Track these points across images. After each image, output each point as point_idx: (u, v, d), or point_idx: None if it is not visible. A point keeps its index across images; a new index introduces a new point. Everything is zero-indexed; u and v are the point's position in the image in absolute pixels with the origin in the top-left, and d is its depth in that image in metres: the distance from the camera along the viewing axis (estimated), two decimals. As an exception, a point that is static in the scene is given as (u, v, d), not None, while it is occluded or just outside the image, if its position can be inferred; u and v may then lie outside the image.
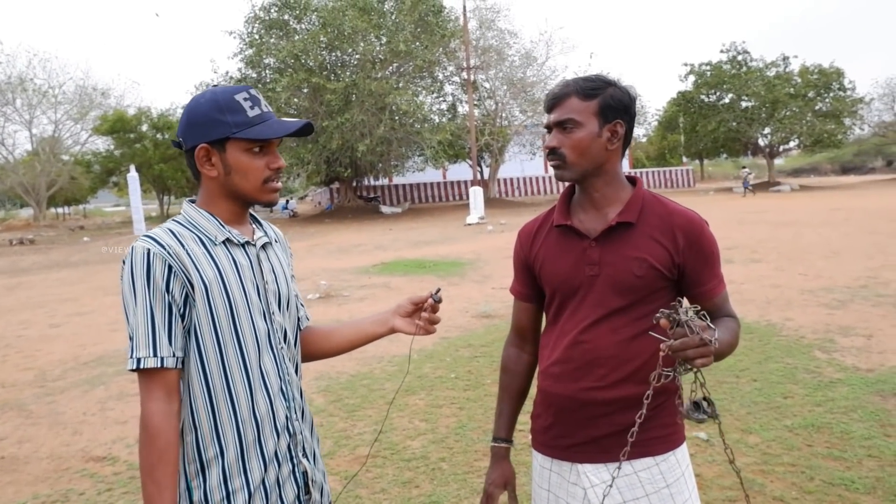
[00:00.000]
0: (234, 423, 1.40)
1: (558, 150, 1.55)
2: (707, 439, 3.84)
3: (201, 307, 1.37)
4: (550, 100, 1.58)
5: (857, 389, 4.51)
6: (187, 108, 1.44)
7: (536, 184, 41.72)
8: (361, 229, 23.23)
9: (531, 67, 35.35)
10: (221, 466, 1.39)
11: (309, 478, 1.51)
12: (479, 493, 3.39)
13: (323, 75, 27.39)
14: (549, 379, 1.64)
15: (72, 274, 15.08)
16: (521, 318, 1.80)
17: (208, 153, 1.42)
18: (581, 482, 1.57)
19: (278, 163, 1.46)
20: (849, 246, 11.43)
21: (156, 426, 1.33)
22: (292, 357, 1.54)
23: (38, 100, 38.53)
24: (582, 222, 1.61)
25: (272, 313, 1.48)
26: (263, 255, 1.50)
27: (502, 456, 1.79)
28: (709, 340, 1.25)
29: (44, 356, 7.02)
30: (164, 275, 1.34)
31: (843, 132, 37.60)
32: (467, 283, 10.08)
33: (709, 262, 1.56)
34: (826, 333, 6.01)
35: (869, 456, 3.50)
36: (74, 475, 3.94)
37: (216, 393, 1.39)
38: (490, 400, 4.76)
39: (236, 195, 1.45)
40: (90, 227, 37.23)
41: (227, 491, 1.39)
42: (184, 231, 1.42)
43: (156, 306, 1.34)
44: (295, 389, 1.52)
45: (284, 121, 1.45)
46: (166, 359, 1.34)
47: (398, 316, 1.66)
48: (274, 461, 1.44)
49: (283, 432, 1.46)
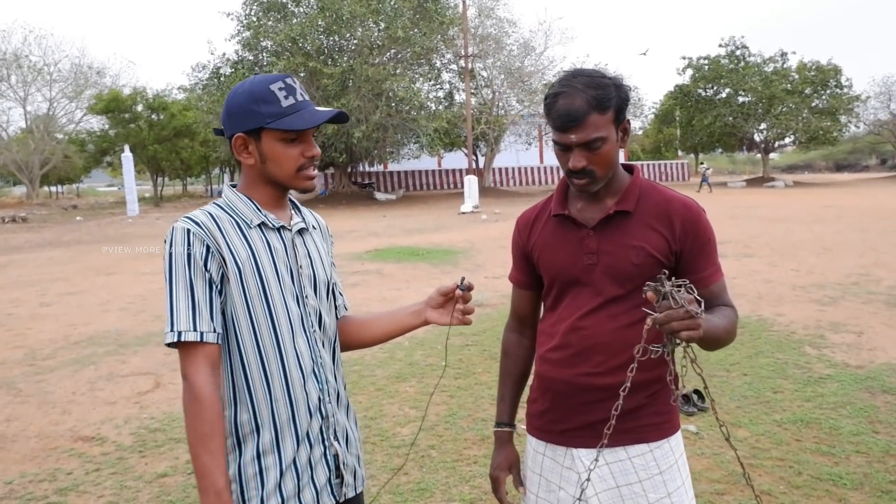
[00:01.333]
0: (269, 402, 1.43)
1: (587, 169, 1.51)
2: (696, 432, 3.86)
3: (235, 288, 1.41)
4: (568, 120, 1.48)
5: (847, 386, 4.53)
6: (228, 98, 1.50)
7: (531, 174, 41.69)
8: (355, 215, 23.17)
9: (529, 57, 35.25)
10: (256, 443, 1.42)
11: (340, 461, 1.53)
12: (467, 480, 3.40)
13: (320, 60, 27.21)
14: (546, 364, 1.65)
15: (63, 253, 14.99)
16: (520, 304, 1.81)
17: (245, 142, 1.46)
18: (575, 466, 1.57)
19: (312, 151, 1.49)
20: (841, 243, 11.48)
21: (206, 396, 1.34)
22: (329, 341, 1.57)
23: (33, 77, 38.21)
24: (580, 212, 1.61)
25: (306, 297, 1.50)
26: (299, 240, 1.53)
27: (506, 440, 1.78)
28: (694, 312, 1.22)
29: (34, 335, 6.98)
30: (202, 253, 1.39)
31: (838, 129, 37.73)
32: (460, 272, 10.07)
33: (705, 250, 1.56)
34: (817, 329, 6.04)
35: (857, 452, 3.52)
36: (62, 455, 3.92)
37: (251, 371, 1.43)
38: (481, 389, 4.77)
39: (273, 181, 1.49)
40: (83, 206, 36.99)
41: (260, 467, 1.42)
42: (222, 214, 1.46)
43: (196, 282, 1.38)
44: (328, 373, 1.54)
45: (317, 110, 1.47)
46: (206, 333, 1.37)
47: (430, 308, 1.67)
48: (306, 442, 1.47)
49: (316, 414, 1.49)
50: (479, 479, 3.38)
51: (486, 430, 4.00)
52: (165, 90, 39.93)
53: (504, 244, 12.95)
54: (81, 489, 3.46)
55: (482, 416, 4.26)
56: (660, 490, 1.54)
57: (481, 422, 4.16)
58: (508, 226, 17.61)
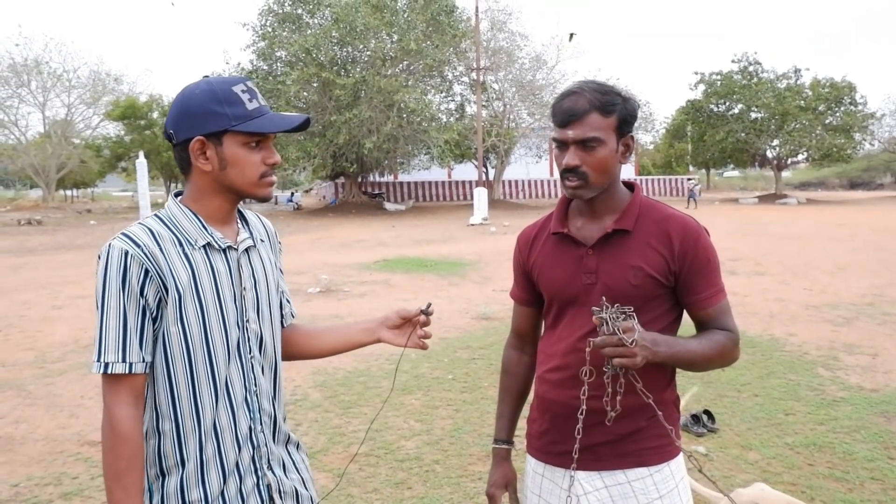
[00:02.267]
0: (196, 434, 1.36)
1: (580, 170, 1.50)
2: (706, 453, 3.80)
3: (172, 314, 1.33)
4: (568, 115, 1.49)
5: (861, 409, 4.45)
6: (180, 98, 1.37)
7: (541, 187, 41.65)
8: (364, 225, 23.20)
9: (541, 71, 35.32)
10: (180, 476, 1.36)
11: (274, 490, 1.46)
12: (472, 497, 3.36)
13: (333, 70, 27.38)
14: (545, 384, 1.63)
15: (77, 257, 15.09)
16: (521, 321, 1.80)
17: (203, 146, 1.35)
18: (574, 489, 1.56)
19: (274, 158, 1.40)
20: (855, 262, 11.36)
21: (124, 431, 1.30)
22: (269, 366, 1.48)
23: (53, 83, 38.70)
24: (579, 230, 1.59)
25: (247, 320, 1.42)
26: (245, 260, 1.44)
27: (503, 457, 1.78)
28: (627, 341, 1.30)
29: (45, 337, 7.00)
30: (139, 278, 1.30)
31: (852, 147, 37.46)
32: (468, 284, 10.04)
33: (704, 271, 1.52)
34: (830, 350, 5.96)
35: (872, 479, 3.45)
36: (69, 458, 3.92)
37: (181, 401, 1.36)
38: (487, 403, 4.72)
39: (230, 190, 1.39)
40: (97, 210, 37.29)
41: (183, 500, 1.36)
42: (163, 231, 1.36)
43: (129, 309, 1.30)
44: (264, 399, 1.45)
45: (284, 115, 1.40)
46: (135, 364, 1.30)
47: (384, 327, 1.61)
48: (235, 473, 1.40)
49: (246, 444, 1.42)
50: (484, 497, 3.33)
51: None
52: (181, 98, 40.29)
53: (512, 257, 12.90)
54: (86, 494, 3.45)
55: (488, 431, 4.21)
56: None
57: (487, 437, 4.11)
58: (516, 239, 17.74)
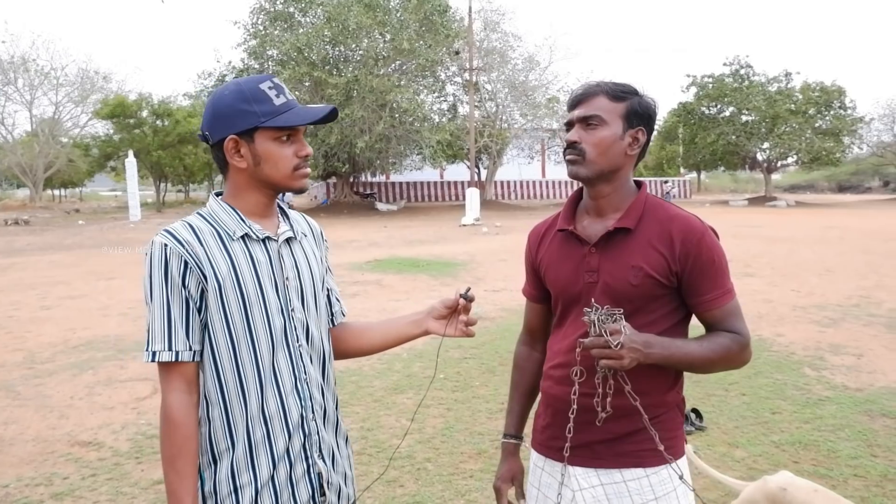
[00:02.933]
0: (244, 419, 1.41)
1: (578, 145, 1.54)
2: (694, 451, 3.84)
3: (214, 303, 1.38)
4: (577, 96, 1.56)
5: (846, 408, 4.52)
6: (212, 101, 1.44)
7: (533, 188, 41.75)
8: (356, 225, 23.19)
9: (533, 71, 35.39)
10: (231, 460, 1.41)
11: (324, 479, 1.49)
12: (463, 495, 3.39)
13: (325, 70, 27.36)
14: (549, 381, 1.66)
15: (65, 257, 15.00)
16: (532, 318, 1.82)
17: (237, 144, 1.41)
18: (571, 484, 1.57)
19: (306, 150, 1.46)
20: (843, 264, 11.48)
21: (176, 418, 1.36)
22: (318, 355, 1.53)
23: (40, 81, 38.41)
24: (584, 228, 1.60)
25: (292, 309, 1.47)
26: (286, 250, 1.49)
27: (510, 452, 1.80)
28: (611, 343, 1.33)
29: (33, 338, 6.98)
30: (180, 270, 1.36)
31: (841, 151, 37.73)
32: (460, 285, 10.05)
33: (708, 272, 1.50)
34: (816, 351, 6.03)
35: (855, 475, 3.51)
36: (59, 459, 3.91)
37: (228, 388, 1.41)
38: (478, 402, 4.76)
39: (266, 185, 1.45)
40: (85, 210, 37.05)
41: (235, 485, 1.40)
42: (203, 225, 1.42)
43: (173, 300, 1.36)
44: (314, 388, 1.50)
45: (311, 107, 1.44)
46: (182, 353, 1.37)
47: (431, 318, 1.66)
48: (285, 460, 1.44)
49: (297, 431, 1.46)
50: (475, 494, 3.37)
51: (483, 444, 3.99)
52: (171, 97, 40.10)
53: (504, 257, 12.94)
54: (77, 494, 3.46)
55: (479, 429, 4.25)
56: None
57: (478, 435, 4.15)
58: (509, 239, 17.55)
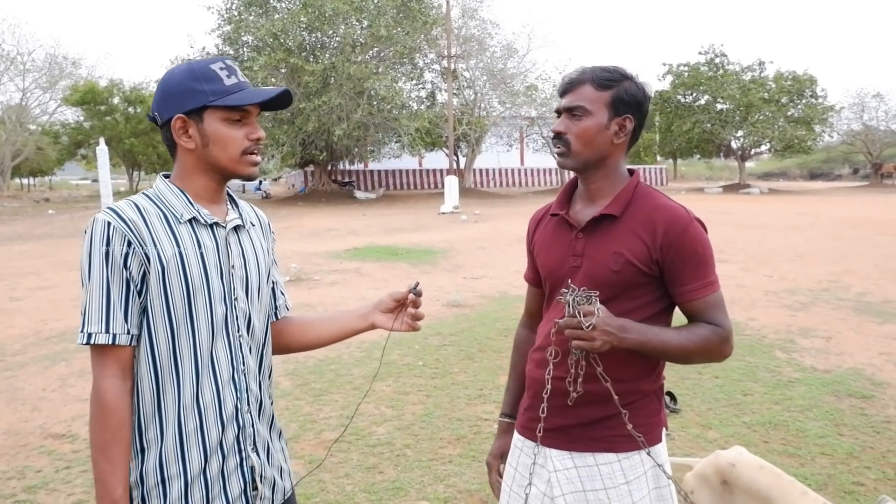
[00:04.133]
0: (176, 409, 1.36)
1: (564, 136, 1.56)
2: (668, 433, 3.91)
3: (156, 286, 1.33)
4: (565, 84, 1.58)
5: (814, 389, 4.64)
6: (162, 81, 1.40)
7: (512, 175, 41.81)
8: (335, 214, 23.05)
9: (512, 59, 35.30)
10: (159, 451, 1.36)
11: (257, 473, 1.45)
12: (442, 480, 3.42)
13: (302, 56, 26.99)
14: (531, 363, 1.69)
15: (35, 247, 14.72)
16: (531, 302, 1.85)
17: (185, 124, 1.37)
18: (547, 465, 1.60)
19: (257, 133, 1.41)
20: (813, 250, 11.70)
21: (110, 403, 1.31)
22: (256, 346, 1.49)
23: (6, 66, 37.36)
24: (576, 213, 1.62)
25: (235, 299, 1.42)
26: (233, 238, 1.45)
27: (504, 430, 1.85)
28: (583, 324, 1.35)
29: (3, 330, 6.85)
30: (122, 250, 1.31)
31: (813, 139, 38.31)
32: (439, 272, 10.08)
33: (689, 263, 1.51)
34: (787, 334, 6.16)
35: (822, 454, 3.61)
36: (32, 452, 3.86)
37: (163, 375, 1.36)
38: (457, 388, 4.79)
39: (214, 168, 1.41)
40: (56, 199, 36.32)
41: (163, 476, 1.36)
42: (149, 206, 1.37)
43: (112, 281, 1.31)
44: (251, 380, 1.46)
45: (262, 89, 1.41)
46: (119, 335, 1.31)
47: (378, 311, 1.61)
48: (217, 452, 1.39)
49: (231, 423, 1.41)
50: (454, 479, 3.40)
51: (462, 430, 4.03)
52: (143, 83, 39.36)
53: (483, 245, 12.98)
54: (51, 487, 3.42)
55: (458, 415, 4.28)
56: (624, 500, 1.55)
57: (457, 421, 4.18)
58: (488, 227, 17.51)
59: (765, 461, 2.28)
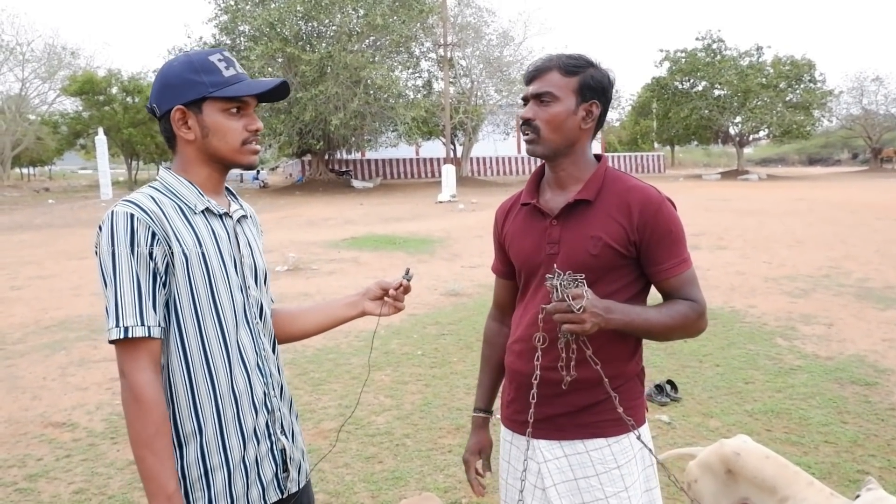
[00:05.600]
0: (212, 399, 1.37)
1: (533, 123, 1.56)
2: (669, 422, 3.91)
3: (181, 277, 1.34)
4: (531, 72, 1.58)
5: (817, 377, 4.62)
6: (160, 72, 1.41)
7: (509, 164, 41.69)
8: (332, 203, 22.99)
9: (508, 47, 35.10)
10: (199, 443, 1.36)
11: (287, 455, 1.49)
12: (442, 469, 3.41)
13: (298, 46, 26.82)
14: (511, 355, 1.68)
15: (35, 236, 14.68)
16: (501, 294, 1.83)
17: (184, 115, 1.38)
18: (535, 457, 1.60)
19: (256, 124, 1.43)
20: (812, 236, 11.68)
21: (150, 397, 1.29)
22: (269, 333, 1.52)
23: (5, 56, 37.15)
24: (547, 201, 1.62)
25: (248, 287, 1.45)
26: (240, 229, 1.48)
27: (479, 425, 1.83)
28: (573, 307, 1.35)
29: (3, 319, 6.83)
30: (147, 241, 1.30)
31: (811, 124, 38.20)
32: (436, 261, 10.06)
33: (664, 241, 1.53)
34: (788, 321, 6.15)
35: (826, 442, 3.60)
36: (32, 440, 3.86)
37: (194, 367, 1.36)
38: (456, 378, 4.78)
39: (214, 159, 1.42)
40: (55, 189, 36.20)
41: (206, 468, 1.37)
42: (164, 198, 1.37)
43: (141, 273, 1.29)
44: (272, 365, 1.49)
45: (260, 80, 1.43)
46: (153, 328, 1.30)
47: (367, 299, 1.64)
48: (253, 438, 1.42)
49: (262, 409, 1.44)
50: (454, 468, 3.39)
51: (461, 419, 4.01)
52: (141, 73, 39.08)
53: (481, 234, 12.94)
54: (52, 475, 3.41)
55: (457, 405, 4.27)
56: (617, 484, 1.55)
57: (456, 411, 4.17)
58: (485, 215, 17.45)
59: (770, 450, 2.27)
